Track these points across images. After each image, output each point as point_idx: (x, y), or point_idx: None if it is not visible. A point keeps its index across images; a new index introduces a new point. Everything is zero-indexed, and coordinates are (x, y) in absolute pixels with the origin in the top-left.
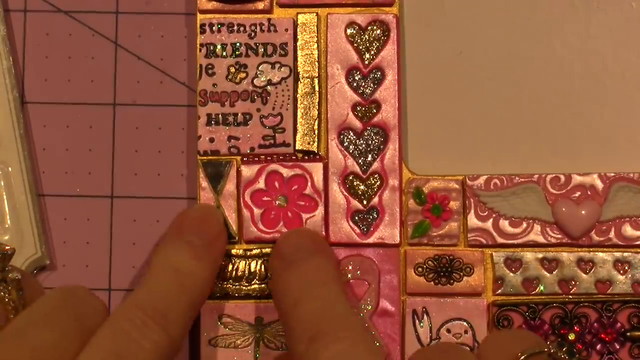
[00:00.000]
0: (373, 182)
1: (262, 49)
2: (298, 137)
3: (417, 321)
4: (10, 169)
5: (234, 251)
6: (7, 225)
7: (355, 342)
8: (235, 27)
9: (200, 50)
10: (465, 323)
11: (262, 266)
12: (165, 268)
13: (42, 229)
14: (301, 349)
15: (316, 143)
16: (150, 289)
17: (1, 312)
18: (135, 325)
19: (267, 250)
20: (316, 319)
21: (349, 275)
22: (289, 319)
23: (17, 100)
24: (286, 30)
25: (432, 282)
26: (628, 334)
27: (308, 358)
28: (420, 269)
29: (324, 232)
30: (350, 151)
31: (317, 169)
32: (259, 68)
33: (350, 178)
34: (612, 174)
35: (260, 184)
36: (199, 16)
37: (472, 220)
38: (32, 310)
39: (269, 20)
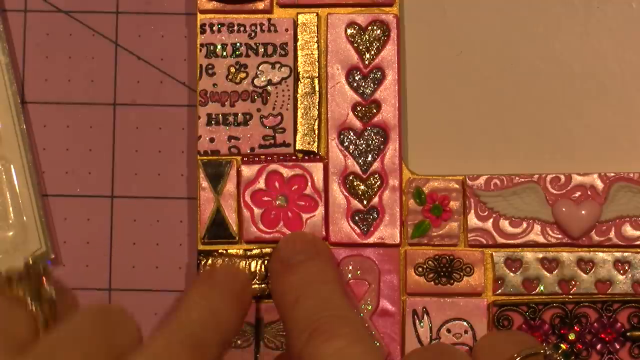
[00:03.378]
0: (373, 182)
1: (262, 49)
2: (298, 137)
3: (417, 321)
4: (11, 164)
5: (234, 251)
6: (10, 221)
7: (354, 340)
8: (236, 27)
9: (200, 50)
10: (465, 323)
11: (262, 266)
12: (203, 306)
13: (46, 223)
14: (300, 344)
15: (316, 143)
16: (186, 323)
17: (32, 325)
18: (172, 357)
19: (267, 250)
20: (316, 315)
21: (349, 275)
22: (289, 317)
23: (16, 95)
24: (286, 30)
25: (432, 282)
26: (628, 334)
27: (307, 354)
28: (420, 269)
29: (324, 232)
30: (351, 151)
31: (317, 169)
32: (259, 68)
33: (351, 178)
34: (612, 174)
35: (261, 184)
36: (199, 16)
37: (472, 220)
38: (63, 330)
39: (269, 20)
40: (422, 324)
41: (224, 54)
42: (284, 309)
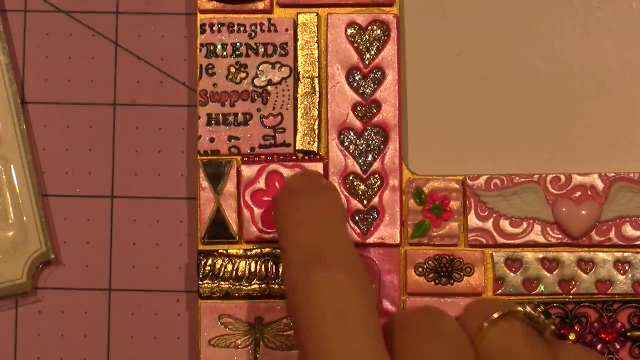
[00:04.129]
0: (373, 182)
1: (263, 49)
2: (298, 137)
3: None
4: (11, 164)
5: (234, 251)
6: (10, 221)
7: (350, 273)
8: (236, 27)
9: (200, 50)
10: None
11: (262, 266)
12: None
13: (46, 223)
14: (296, 270)
15: (316, 143)
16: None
17: None
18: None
19: (267, 250)
20: (318, 243)
21: None
22: (290, 239)
23: (16, 95)
24: (286, 30)
25: (432, 282)
26: (628, 334)
27: (302, 280)
28: (420, 269)
29: None
30: (351, 151)
31: (317, 168)
32: (259, 68)
33: (351, 178)
34: (612, 174)
35: (261, 183)
36: (199, 16)
37: (473, 220)
38: None
39: (269, 20)
40: None
41: (224, 54)
42: (285, 230)
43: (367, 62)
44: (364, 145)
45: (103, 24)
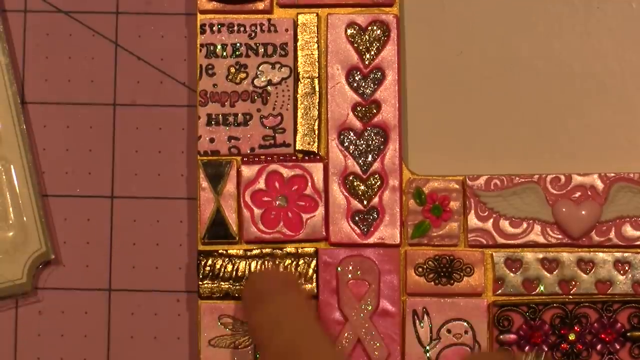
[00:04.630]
0: (373, 182)
1: (262, 49)
2: (298, 137)
3: (417, 321)
4: (11, 164)
5: (234, 251)
6: (10, 222)
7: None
8: (236, 28)
9: (200, 51)
10: (465, 323)
11: (262, 266)
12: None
13: (46, 223)
14: None
15: (316, 143)
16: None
17: None
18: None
19: (267, 250)
20: (293, 347)
21: (349, 276)
22: (267, 348)
23: (16, 95)
24: (286, 30)
25: (432, 283)
26: (628, 334)
27: None
28: (420, 269)
29: (324, 232)
30: (351, 151)
31: (317, 169)
32: (259, 68)
33: (351, 178)
34: (612, 174)
35: (261, 184)
36: (199, 16)
37: (473, 221)
38: None
39: (269, 20)
40: (422, 324)
41: (224, 54)
42: (261, 339)
43: (367, 63)
44: (364, 146)
45: (103, 24)
